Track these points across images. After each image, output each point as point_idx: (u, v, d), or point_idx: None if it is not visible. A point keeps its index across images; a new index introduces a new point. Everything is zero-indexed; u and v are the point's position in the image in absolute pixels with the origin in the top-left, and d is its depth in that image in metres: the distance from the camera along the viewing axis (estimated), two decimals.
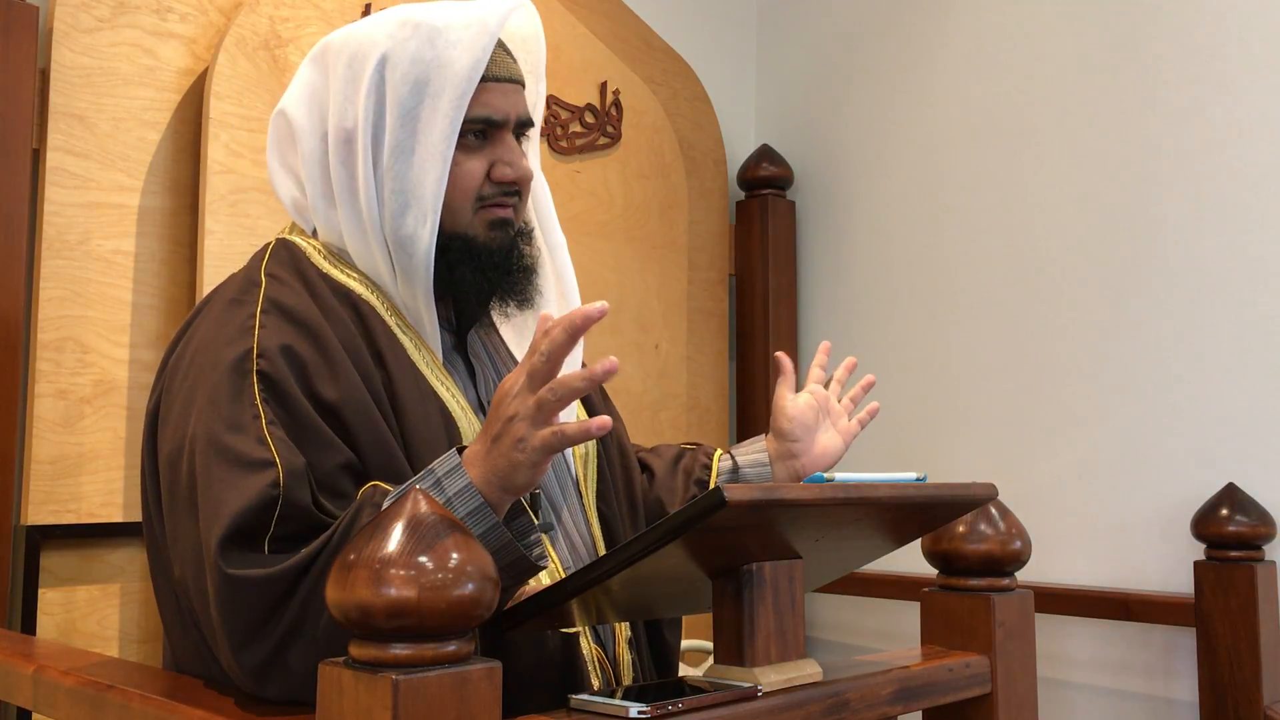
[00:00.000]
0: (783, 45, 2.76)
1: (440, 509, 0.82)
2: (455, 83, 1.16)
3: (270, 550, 1.03)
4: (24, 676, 1.16)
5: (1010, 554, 1.23)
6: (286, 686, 1.02)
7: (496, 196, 1.22)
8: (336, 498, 1.09)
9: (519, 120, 1.24)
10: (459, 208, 1.20)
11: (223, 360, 1.11)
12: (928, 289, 2.42)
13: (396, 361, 1.17)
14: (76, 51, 1.66)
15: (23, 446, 1.60)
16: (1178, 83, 2.09)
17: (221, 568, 1.01)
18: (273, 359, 1.10)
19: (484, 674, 0.80)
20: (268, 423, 1.07)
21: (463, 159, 1.20)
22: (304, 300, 1.17)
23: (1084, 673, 2.15)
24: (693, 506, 0.88)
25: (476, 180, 1.21)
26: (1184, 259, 2.06)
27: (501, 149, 1.22)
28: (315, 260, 1.22)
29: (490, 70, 1.20)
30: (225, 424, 1.08)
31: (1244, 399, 1.98)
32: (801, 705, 0.98)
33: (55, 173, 1.64)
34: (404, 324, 1.21)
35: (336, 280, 1.21)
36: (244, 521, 1.03)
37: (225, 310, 1.18)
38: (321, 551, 1.02)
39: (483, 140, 1.22)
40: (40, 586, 1.61)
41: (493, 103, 1.21)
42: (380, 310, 1.20)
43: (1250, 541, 1.89)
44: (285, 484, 1.04)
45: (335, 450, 1.10)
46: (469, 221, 1.21)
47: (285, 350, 1.11)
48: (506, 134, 1.23)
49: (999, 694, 1.20)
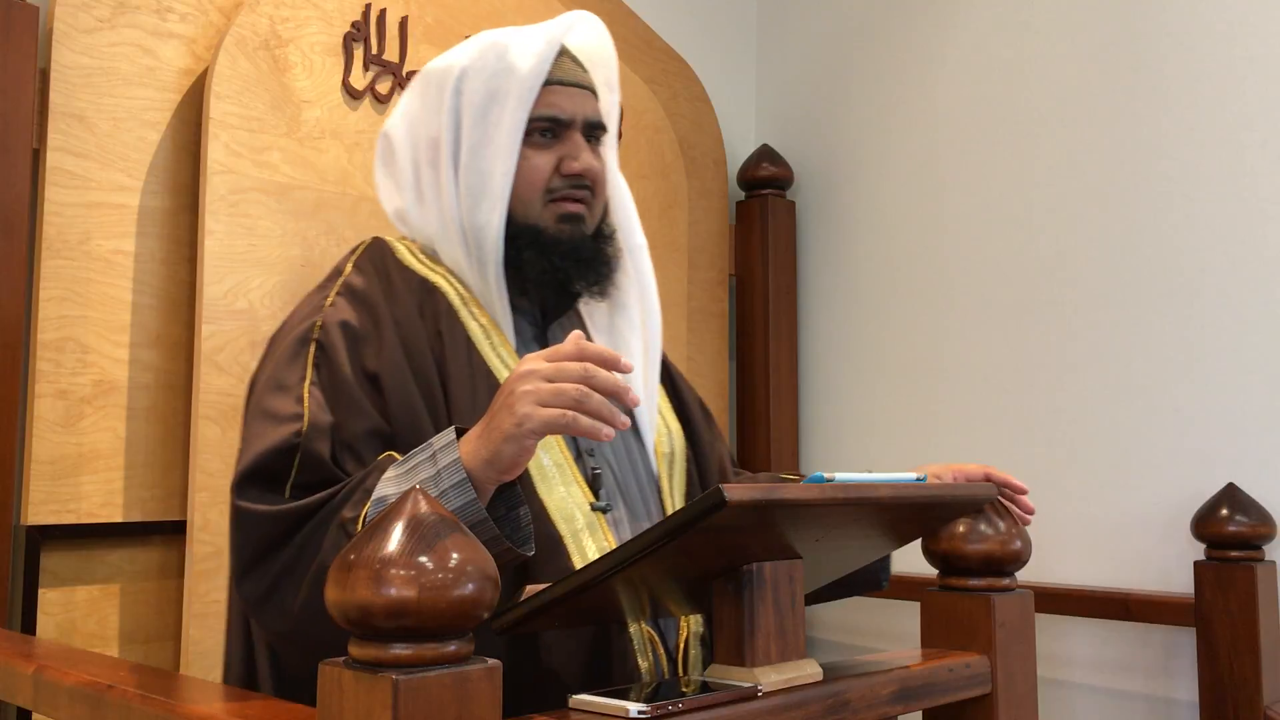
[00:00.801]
0: (783, 45, 2.76)
1: (440, 509, 0.82)
2: (520, 85, 1.30)
3: (290, 497, 1.15)
4: (24, 676, 1.16)
5: (1010, 554, 1.24)
6: (280, 620, 1.13)
7: (565, 190, 1.33)
8: (358, 461, 1.19)
9: (587, 121, 1.35)
10: (529, 200, 1.32)
11: (294, 334, 1.29)
12: (928, 289, 2.42)
13: (453, 341, 1.28)
14: (76, 51, 1.66)
15: (23, 446, 1.60)
16: (1179, 81, 2.09)
17: (235, 500, 1.16)
18: (330, 331, 1.26)
19: (484, 674, 0.80)
20: (310, 384, 1.21)
21: (532, 154, 1.32)
22: (374, 286, 1.32)
23: (1084, 673, 2.15)
24: (693, 506, 0.88)
25: (545, 174, 1.32)
26: (1185, 259, 2.06)
27: (569, 146, 1.33)
28: (400, 255, 1.37)
29: (556, 75, 1.33)
30: (275, 385, 1.23)
31: (1244, 399, 1.98)
32: (801, 705, 0.98)
33: (55, 173, 1.64)
34: (478, 311, 1.33)
35: (415, 272, 1.35)
36: (264, 462, 1.16)
37: (311, 294, 1.37)
38: (327, 503, 1.11)
39: (551, 139, 1.33)
40: (40, 586, 1.61)
41: (559, 103, 1.33)
42: (452, 298, 1.33)
43: (1250, 541, 1.89)
44: (306, 434, 1.17)
45: (366, 417, 1.20)
46: (539, 213, 1.33)
47: (343, 325, 1.26)
48: (574, 133, 1.34)
49: (999, 694, 1.20)
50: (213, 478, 1.68)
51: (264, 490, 1.16)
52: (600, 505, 1.30)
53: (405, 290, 1.32)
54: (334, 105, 1.88)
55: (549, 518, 1.25)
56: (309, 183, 1.83)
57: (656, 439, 1.42)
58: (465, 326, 1.31)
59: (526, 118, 1.31)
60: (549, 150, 1.33)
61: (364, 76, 1.92)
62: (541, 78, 1.31)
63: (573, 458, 1.31)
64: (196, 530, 1.65)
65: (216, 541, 1.67)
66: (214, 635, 1.66)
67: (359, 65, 1.91)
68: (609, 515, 1.31)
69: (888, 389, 2.47)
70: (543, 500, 1.26)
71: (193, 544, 1.65)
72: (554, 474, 1.28)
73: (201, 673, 1.63)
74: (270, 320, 1.76)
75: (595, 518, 1.29)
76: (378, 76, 1.93)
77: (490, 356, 1.30)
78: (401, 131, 1.42)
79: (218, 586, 1.67)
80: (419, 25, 2.00)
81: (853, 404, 2.49)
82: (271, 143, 1.79)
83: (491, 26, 2.09)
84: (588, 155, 1.34)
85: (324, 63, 1.87)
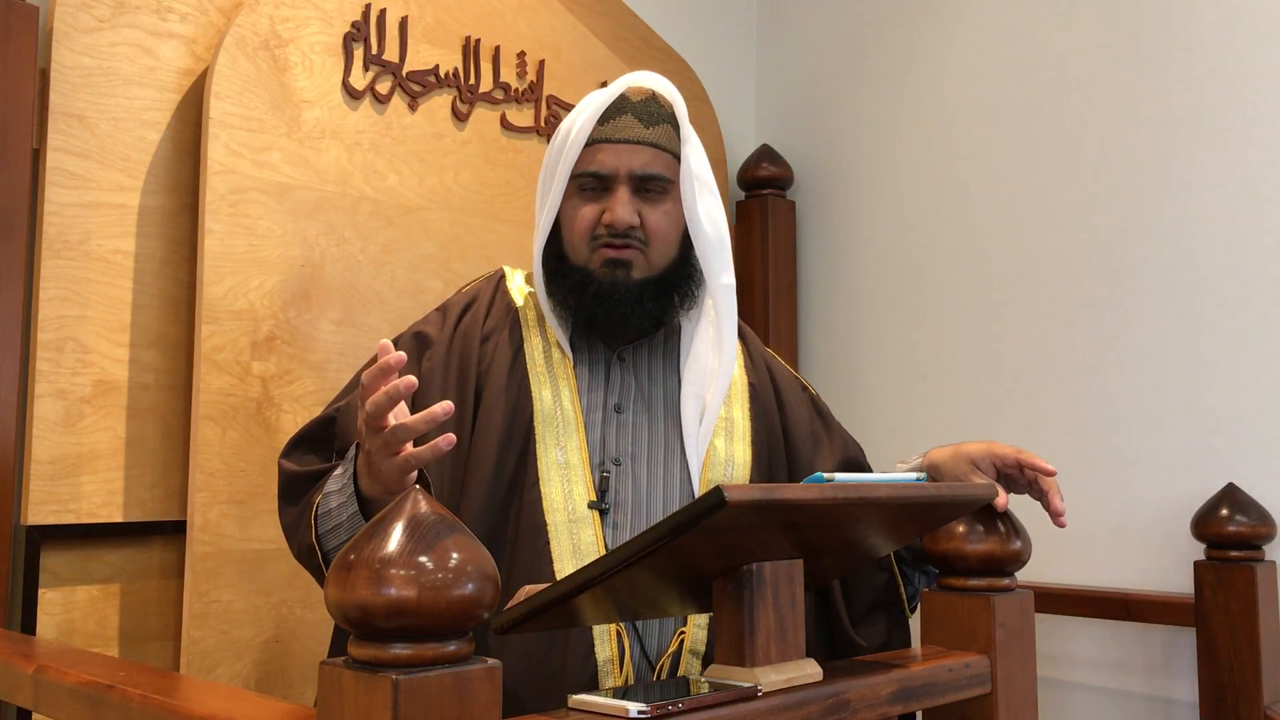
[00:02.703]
0: (783, 45, 2.76)
1: (440, 509, 0.82)
2: (569, 145, 1.48)
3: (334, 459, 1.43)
4: (24, 676, 1.16)
5: (1010, 554, 1.24)
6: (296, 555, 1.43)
7: (606, 238, 1.46)
8: None
9: (632, 175, 1.46)
10: (578, 245, 1.48)
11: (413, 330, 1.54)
12: (928, 289, 2.42)
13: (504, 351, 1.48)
14: (76, 51, 1.66)
15: (23, 446, 1.60)
16: (1181, 83, 2.09)
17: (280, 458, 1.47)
18: (409, 337, 1.52)
19: (484, 674, 0.80)
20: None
21: (581, 204, 1.48)
22: (462, 303, 1.55)
23: (1084, 673, 2.15)
24: (693, 506, 0.88)
25: (589, 223, 1.47)
26: (1185, 258, 2.06)
27: (612, 199, 1.46)
28: (508, 280, 1.59)
29: (604, 134, 1.47)
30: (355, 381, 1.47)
31: (1244, 399, 1.98)
32: (801, 705, 0.98)
33: (55, 173, 1.64)
34: (548, 330, 1.51)
35: (509, 294, 1.56)
36: (308, 430, 1.48)
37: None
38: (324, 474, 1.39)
39: (599, 193, 1.48)
40: (40, 586, 1.61)
41: (602, 160, 1.47)
42: (526, 314, 1.53)
43: (1250, 541, 1.89)
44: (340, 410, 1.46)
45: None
46: (587, 257, 1.48)
47: (419, 334, 1.52)
48: (619, 186, 1.46)
49: (999, 694, 1.20)
50: (213, 478, 1.68)
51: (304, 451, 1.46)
52: (598, 505, 1.40)
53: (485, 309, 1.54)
54: (334, 105, 1.88)
55: (540, 506, 1.40)
56: (309, 183, 1.83)
57: (706, 464, 1.48)
58: (525, 340, 1.50)
59: (568, 174, 1.48)
60: (596, 202, 1.48)
61: (364, 76, 1.92)
62: (584, 138, 1.47)
63: (591, 463, 1.43)
64: (196, 530, 1.65)
65: (216, 541, 1.67)
66: (214, 635, 1.66)
67: (359, 65, 1.91)
68: (606, 516, 1.41)
69: (887, 389, 2.47)
70: (540, 490, 1.41)
71: (193, 544, 1.65)
72: (562, 472, 1.41)
73: (201, 673, 1.63)
74: (270, 320, 1.76)
75: (590, 515, 1.40)
76: (378, 76, 1.93)
77: (536, 367, 1.47)
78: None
79: (217, 586, 1.67)
80: (419, 25, 2.00)
81: (852, 404, 2.49)
82: (271, 143, 1.79)
83: (491, 27, 2.10)
84: (623, 208, 1.46)
85: (324, 63, 1.87)
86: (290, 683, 1.74)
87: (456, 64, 2.05)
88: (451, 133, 2.04)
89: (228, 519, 1.68)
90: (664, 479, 1.47)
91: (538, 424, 1.42)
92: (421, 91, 2.00)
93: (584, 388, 1.48)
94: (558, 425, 1.43)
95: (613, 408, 1.48)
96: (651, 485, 1.46)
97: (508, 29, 2.13)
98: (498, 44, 2.11)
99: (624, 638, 1.36)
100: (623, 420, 1.47)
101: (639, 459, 1.46)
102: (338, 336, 1.84)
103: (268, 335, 1.76)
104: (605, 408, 1.47)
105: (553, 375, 1.48)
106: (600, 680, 1.33)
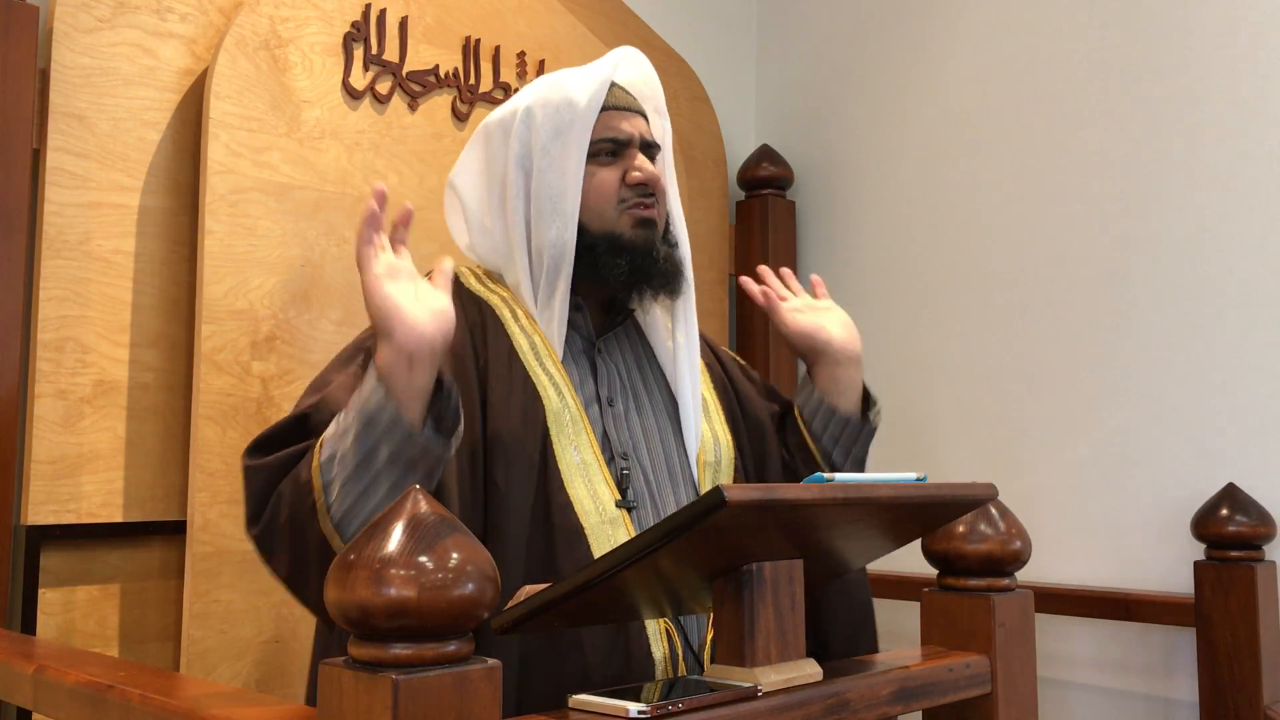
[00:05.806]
0: (783, 45, 2.76)
1: (440, 509, 0.82)
2: (581, 114, 1.45)
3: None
4: (24, 676, 1.16)
5: (1010, 554, 1.24)
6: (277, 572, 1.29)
7: (635, 198, 1.47)
8: None
9: (643, 140, 1.50)
10: (603, 211, 1.46)
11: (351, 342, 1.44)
12: (928, 289, 2.42)
13: (497, 352, 1.42)
14: (76, 51, 1.66)
15: (23, 446, 1.60)
16: (1181, 84, 2.09)
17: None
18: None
19: (484, 674, 0.80)
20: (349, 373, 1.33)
21: (599, 171, 1.47)
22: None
23: (1084, 673, 2.15)
24: (693, 506, 0.88)
25: (613, 187, 1.47)
26: (1185, 259, 2.06)
27: (631, 160, 1.48)
28: (464, 278, 1.53)
29: (610, 102, 1.49)
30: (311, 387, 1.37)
31: (1244, 399, 1.98)
32: (801, 705, 0.98)
33: (55, 173, 1.64)
34: (529, 326, 1.47)
35: (473, 291, 1.51)
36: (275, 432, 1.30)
37: None
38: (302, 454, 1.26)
39: (614, 157, 1.48)
40: (40, 586, 1.61)
41: (617, 125, 1.48)
42: (503, 313, 1.47)
43: (1250, 541, 1.89)
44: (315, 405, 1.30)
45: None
46: (614, 221, 1.47)
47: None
48: (633, 149, 1.49)
49: (999, 694, 1.20)
50: (213, 478, 1.68)
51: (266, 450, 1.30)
52: (625, 503, 1.40)
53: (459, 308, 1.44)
54: (334, 105, 1.88)
55: (574, 509, 1.37)
56: (309, 183, 1.83)
57: (700, 448, 1.51)
58: (512, 339, 1.45)
59: (588, 141, 1.46)
60: (613, 167, 1.48)
61: (364, 76, 1.92)
62: (599, 105, 1.47)
63: (605, 460, 1.42)
64: (196, 530, 1.65)
65: (216, 541, 1.67)
66: (214, 635, 1.66)
67: (359, 65, 1.91)
68: (634, 514, 1.41)
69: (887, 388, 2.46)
70: (569, 493, 1.38)
71: (193, 544, 1.65)
72: (582, 471, 1.40)
73: (201, 673, 1.63)
74: (270, 320, 1.76)
75: (620, 514, 1.39)
76: (378, 76, 1.93)
77: (532, 365, 1.43)
78: (466, 179, 1.58)
79: (218, 586, 1.67)
80: (419, 25, 2.00)
81: None
82: (271, 143, 1.79)
83: (490, 27, 2.10)
84: (649, 166, 1.48)
85: (324, 63, 1.87)
86: (290, 683, 1.74)
87: (456, 64, 2.05)
88: (452, 133, 2.04)
89: (228, 519, 1.68)
90: (668, 469, 1.48)
91: (551, 423, 1.40)
92: (421, 91, 2.00)
93: (576, 382, 1.47)
94: (567, 423, 1.41)
95: (605, 401, 1.48)
96: (659, 477, 1.46)
97: (508, 29, 2.13)
98: (498, 44, 2.11)
99: (673, 635, 1.36)
100: (616, 413, 1.47)
101: (640, 451, 1.47)
102: (338, 336, 1.84)
103: (268, 335, 1.76)
104: (600, 401, 1.47)
105: (548, 371, 1.45)
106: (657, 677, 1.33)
